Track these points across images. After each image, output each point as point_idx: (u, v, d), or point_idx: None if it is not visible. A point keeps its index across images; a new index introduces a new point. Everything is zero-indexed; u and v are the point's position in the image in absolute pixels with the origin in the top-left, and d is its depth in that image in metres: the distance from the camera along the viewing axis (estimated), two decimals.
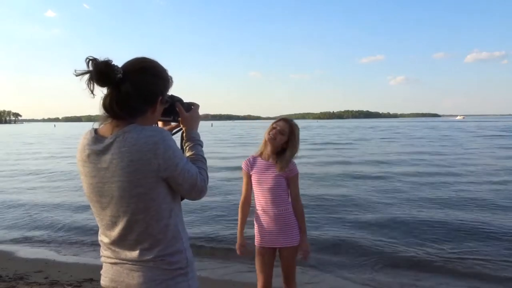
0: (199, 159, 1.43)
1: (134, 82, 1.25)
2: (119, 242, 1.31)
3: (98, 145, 1.27)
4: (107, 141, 1.25)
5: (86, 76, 1.22)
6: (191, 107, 1.52)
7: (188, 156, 1.43)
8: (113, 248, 1.33)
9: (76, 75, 1.22)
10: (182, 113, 1.48)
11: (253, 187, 2.65)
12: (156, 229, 1.28)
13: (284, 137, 2.55)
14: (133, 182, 1.22)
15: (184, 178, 1.30)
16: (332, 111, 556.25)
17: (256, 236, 2.66)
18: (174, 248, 1.31)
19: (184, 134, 1.51)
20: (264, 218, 2.59)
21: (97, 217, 1.36)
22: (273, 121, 2.69)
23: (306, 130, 51.68)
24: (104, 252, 1.38)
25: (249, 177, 2.65)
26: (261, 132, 2.97)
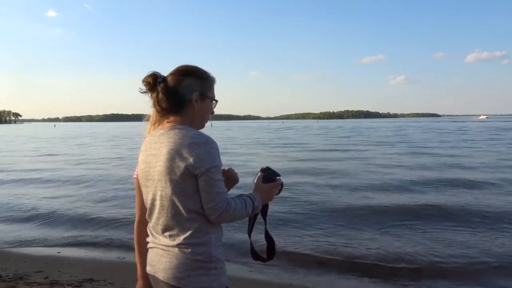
0: (244, 198, 1.47)
1: (170, 81, 1.48)
2: (155, 226, 1.46)
3: (153, 136, 1.50)
4: (160, 132, 1.47)
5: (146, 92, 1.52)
6: (275, 179, 1.60)
7: (240, 194, 1.52)
8: (153, 232, 1.48)
9: (141, 93, 1.51)
10: (258, 182, 1.58)
11: None
12: (184, 218, 1.38)
13: None
14: (168, 168, 1.37)
15: (210, 187, 1.36)
16: (332, 111, 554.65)
17: None
18: (199, 240, 1.39)
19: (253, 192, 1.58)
20: None
21: (144, 205, 1.53)
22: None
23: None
24: (148, 238, 1.52)
25: None
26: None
